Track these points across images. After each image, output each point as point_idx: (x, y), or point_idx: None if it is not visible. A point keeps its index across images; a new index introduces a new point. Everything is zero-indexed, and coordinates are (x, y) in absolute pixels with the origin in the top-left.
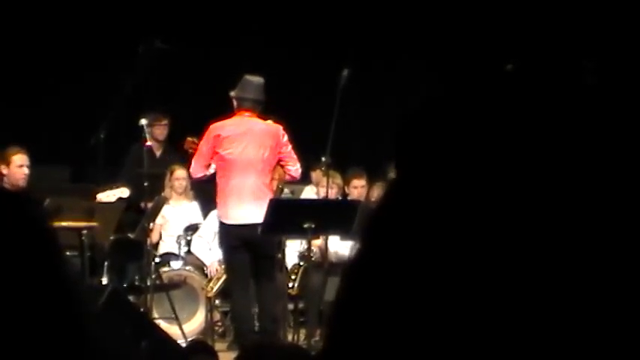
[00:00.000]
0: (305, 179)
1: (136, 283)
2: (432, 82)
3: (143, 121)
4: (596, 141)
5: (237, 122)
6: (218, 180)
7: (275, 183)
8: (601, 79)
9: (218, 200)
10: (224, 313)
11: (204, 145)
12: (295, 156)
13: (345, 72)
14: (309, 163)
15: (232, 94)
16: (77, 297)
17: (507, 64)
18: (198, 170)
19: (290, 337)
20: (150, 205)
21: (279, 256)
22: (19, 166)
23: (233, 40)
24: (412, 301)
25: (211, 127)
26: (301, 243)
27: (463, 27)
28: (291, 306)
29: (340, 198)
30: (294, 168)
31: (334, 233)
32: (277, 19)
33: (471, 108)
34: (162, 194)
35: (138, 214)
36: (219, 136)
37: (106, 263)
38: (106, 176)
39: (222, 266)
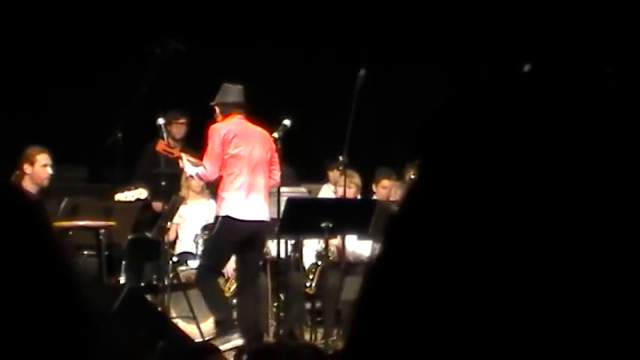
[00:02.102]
0: (321, 178)
1: (154, 283)
2: (449, 83)
3: (161, 121)
4: (615, 144)
5: (236, 123)
6: (226, 177)
7: None
8: (620, 84)
9: (225, 196)
10: None
11: (213, 147)
12: (278, 163)
13: (362, 72)
14: (325, 162)
15: (213, 102)
16: (78, 293)
17: (524, 64)
18: (215, 172)
19: (307, 337)
20: (166, 205)
21: (297, 255)
22: (43, 166)
23: (249, 40)
24: (434, 302)
25: (214, 127)
26: (319, 242)
27: (481, 27)
28: (308, 305)
29: (359, 198)
30: (279, 174)
31: (351, 233)
32: (294, 18)
33: (493, 110)
34: (179, 193)
35: (153, 213)
36: (226, 135)
37: (123, 262)
38: (123, 176)
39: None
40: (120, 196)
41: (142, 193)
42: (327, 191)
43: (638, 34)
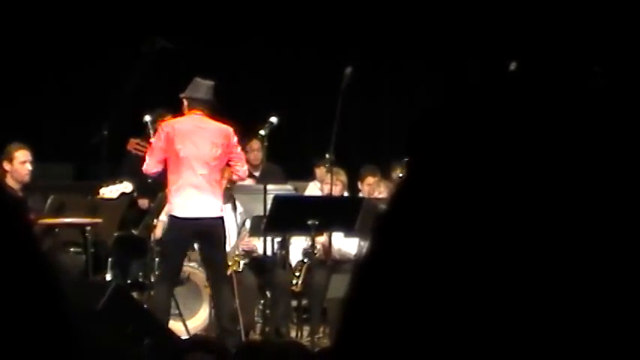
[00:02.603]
0: (308, 176)
1: (140, 280)
2: (434, 81)
3: (147, 118)
4: (603, 143)
5: (188, 120)
6: (170, 176)
7: (224, 183)
8: (608, 82)
9: (169, 195)
10: None
11: (157, 142)
12: (243, 157)
13: (348, 70)
14: (312, 160)
15: (182, 95)
16: (60, 293)
17: (511, 62)
18: (152, 166)
19: (293, 334)
20: (153, 202)
21: (283, 252)
22: (21, 162)
23: (237, 38)
24: (423, 300)
25: (162, 124)
26: (305, 240)
27: (466, 26)
28: (294, 303)
29: (345, 195)
30: (243, 169)
31: (338, 230)
32: (281, 17)
33: (482, 110)
34: (166, 191)
35: (139, 211)
36: (170, 132)
37: (109, 260)
38: (109, 173)
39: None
40: (104, 190)
41: (127, 187)
42: (313, 189)
43: (628, 32)
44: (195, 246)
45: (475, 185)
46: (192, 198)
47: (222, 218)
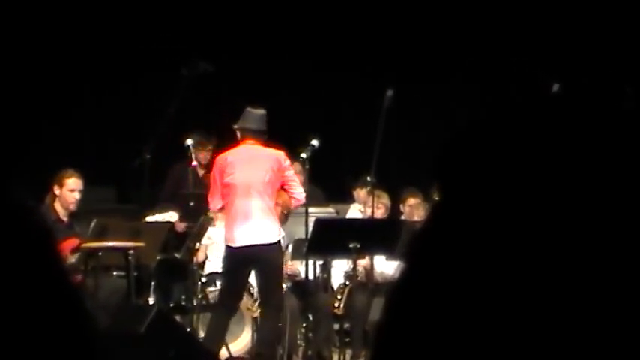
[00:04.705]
0: (349, 198)
1: (182, 303)
2: (476, 102)
3: (189, 142)
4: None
5: (240, 150)
6: (225, 207)
7: (279, 209)
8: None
9: (225, 226)
10: None
11: (214, 178)
12: (298, 180)
13: (390, 92)
14: (351, 182)
15: (235, 126)
16: (79, 305)
17: (553, 84)
18: (215, 203)
19: (335, 358)
20: (194, 226)
21: (325, 275)
22: (70, 190)
23: (277, 61)
24: (457, 324)
25: (217, 159)
26: (347, 263)
27: (510, 45)
28: (336, 326)
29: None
30: (298, 191)
31: (379, 253)
32: (321, 39)
33: (515, 132)
34: (208, 214)
35: (177, 234)
36: (222, 165)
37: (152, 283)
38: (150, 197)
39: None
40: (150, 219)
41: (172, 216)
42: (354, 211)
43: None
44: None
45: (508, 209)
46: (244, 226)
47: (276, 244)
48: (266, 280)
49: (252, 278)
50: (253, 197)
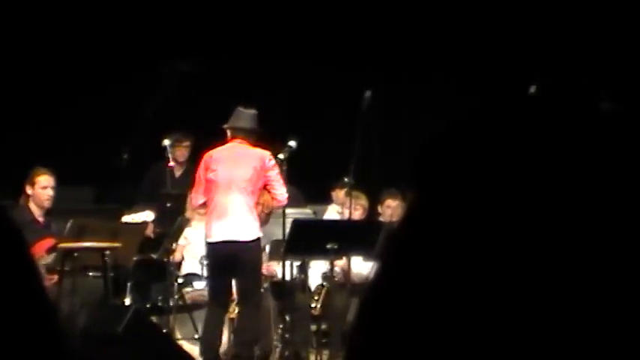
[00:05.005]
0: (327, 199)
1: (159, 304)
2: (456, 103)
3: (166, 142)
4: (613, 171)
5: (226, 147)
6: (207, 203)
7: (260, 208)
8: (617, 105)
9: (206, 221)
10: None
11: (199, 174)
12: (282, 181)
13: (368, 93)
14: (330, 183)
15: (225, 126)
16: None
17: (530, 85)
18: (197, 198)
19: (313, 359)
20: (171, 226)
21: (303, 276)
22: (43, 188)
23: (254, 61)
24: (430, 324)
25: (204, 155)
26: (325, 264)
27: (487, 47)
28: (314, 327)
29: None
30: (280, 192)
31: (357, 254)
32: (299, 41)
33: (491, 134)
34: (185, 215)
35: (158, 235)
36: (207, 161)
37: (129, 284)
38: (129, 197)
39: None
40: (127, 219)
41: (148, 215)
42: (332, 213)
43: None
44: None
45: (484, 209)
46: (223, 222)
47: (254, 242)
48: (244, 278)
49: None
50: (234, 194)
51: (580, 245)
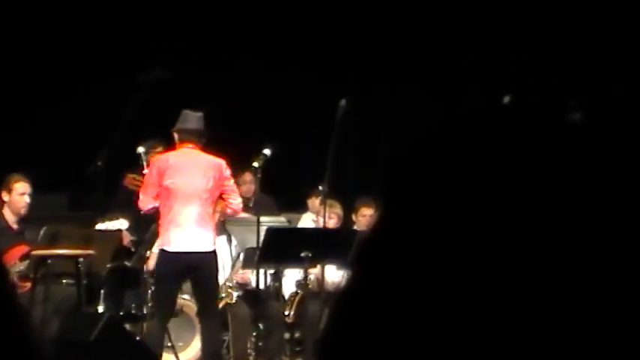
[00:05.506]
0: (302, 207)
1: (133, 312)
2: (431, 111)
3: (140, 149)
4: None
5: (180, 153)
6: (161, 210)
7: (217, 216)
8: (587, 116)
9: (160, 229)
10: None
11: (149, 178)
12: (237, 191)
13: (343, 102)
14: (305, 191)
15: (173, 129)
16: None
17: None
18: (147, 202)
19: None
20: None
21: (276, 284)
22: (20, 194)
23: (232, 67)
24: (399, 331)
25: (154, 159)
26: (299, 272)
27: (465, 53)
28: (287, 335)
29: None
30: (236, 202)
31: (331, 262)
32: (273, 49)
33: (462, 144)
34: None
35: (132, 243)
36: (161, 167)
37: (102, 291)
38: (104, 204)
39: (221, 294)
40: (101, 226)
41: (122, 223)
42: (307, 221)
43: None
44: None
45: (453, 219)
46: (182, 232)
47: (213, 252)
48: (203, 289)
49: None
50: (193, 203)
51: (544, 259)
